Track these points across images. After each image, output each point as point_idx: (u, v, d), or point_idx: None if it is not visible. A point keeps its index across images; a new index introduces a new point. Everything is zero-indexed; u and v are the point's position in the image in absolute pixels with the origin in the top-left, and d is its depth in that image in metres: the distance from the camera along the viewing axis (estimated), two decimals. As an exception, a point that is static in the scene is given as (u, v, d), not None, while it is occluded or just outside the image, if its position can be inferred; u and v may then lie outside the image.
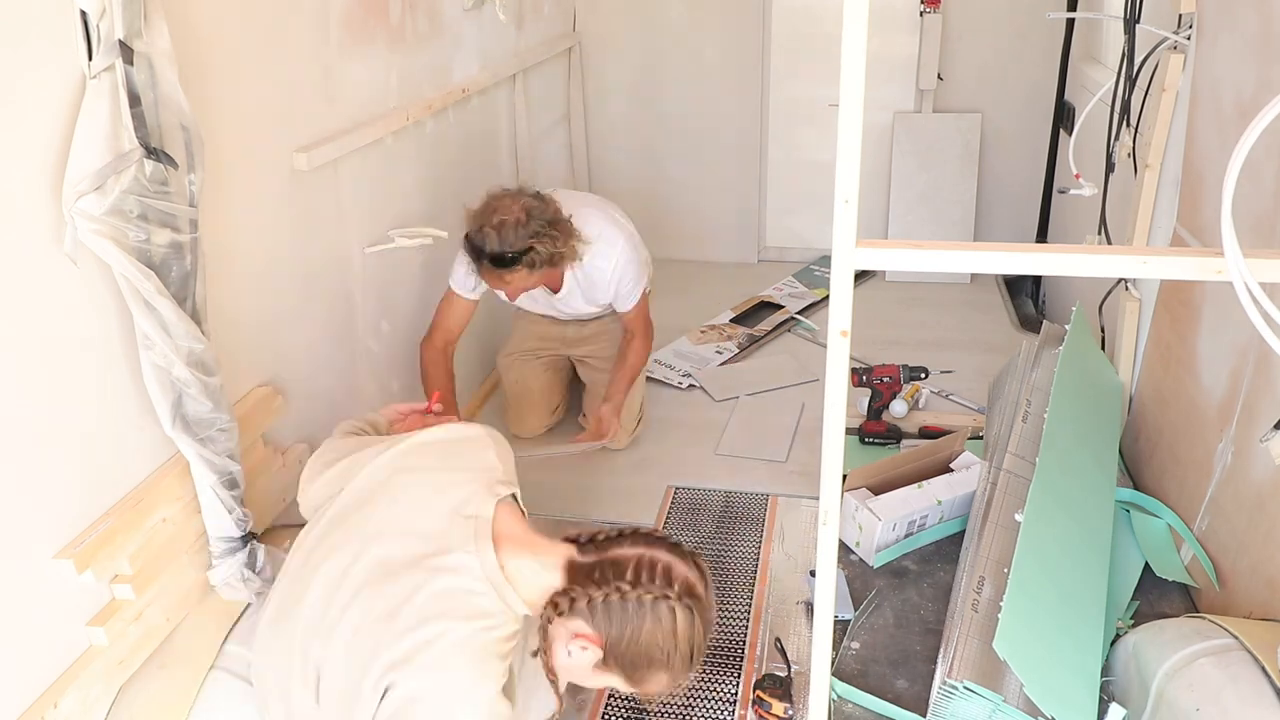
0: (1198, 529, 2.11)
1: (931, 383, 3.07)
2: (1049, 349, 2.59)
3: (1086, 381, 2.46)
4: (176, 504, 1.61)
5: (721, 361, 3.36)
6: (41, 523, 1.39)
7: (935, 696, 1.79)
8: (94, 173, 1.35)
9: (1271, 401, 1.83)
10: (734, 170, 4.21)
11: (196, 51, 1.62)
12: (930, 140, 4.00)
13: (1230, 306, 1.60)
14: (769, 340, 3.56)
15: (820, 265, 4.21)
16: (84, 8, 1.33)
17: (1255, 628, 1.64)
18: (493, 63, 3.06)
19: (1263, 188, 1.84)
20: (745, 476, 2.70)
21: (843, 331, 1.36)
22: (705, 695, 1.93)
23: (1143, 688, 1.66)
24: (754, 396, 3.13)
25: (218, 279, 1.67)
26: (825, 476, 1.46)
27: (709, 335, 3.56)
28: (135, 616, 1.52)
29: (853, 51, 1.20)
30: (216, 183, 1.67)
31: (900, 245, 1.37)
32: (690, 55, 4.06)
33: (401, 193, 2.50)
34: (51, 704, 1.38)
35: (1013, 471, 2.20)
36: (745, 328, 3.64)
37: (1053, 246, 1.39)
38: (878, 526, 2.23)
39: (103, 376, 1.48)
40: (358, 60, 2.23)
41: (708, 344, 3.49)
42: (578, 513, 2.52)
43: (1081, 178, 2.63)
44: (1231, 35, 2.08)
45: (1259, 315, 1.20)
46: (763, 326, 3.64)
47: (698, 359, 3.37)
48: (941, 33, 3.87)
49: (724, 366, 3.34)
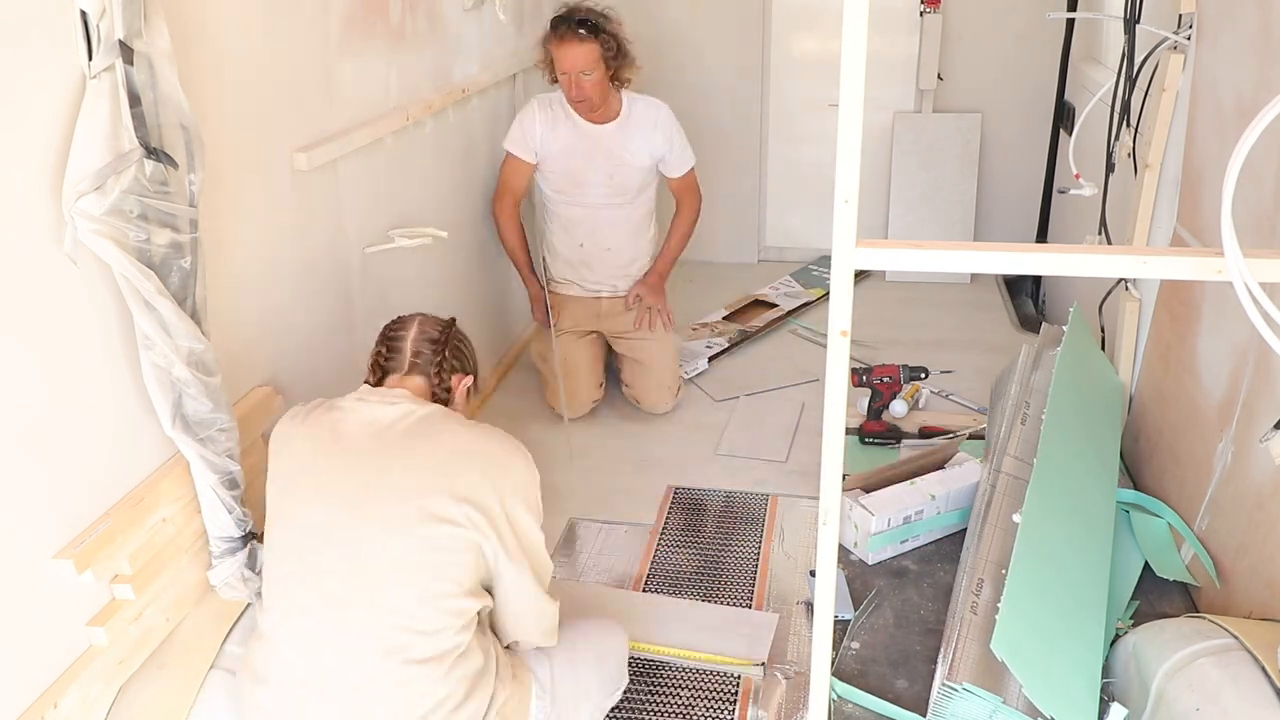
0: (1198, 528, 2.11)
1: (931, 383, 3.07)
2: (1049, 350, 2.59)
3: (1085, 382, 2.46)
4: (176, 504, 1.61)
5: (712, 355, 3.37)
6: (42, 523, 1.39)
7: (935, 697, 1.79)
8: (94, 173, 1.35)
9: (1271, 401, 1.83)
10: (734, 170, 4.21)
11: (196, 51, 1.62)
12: (930, 140, 4.00)
13: (1230, 306, 1.60)
14: (762, 336, 3.57)
15: (818, 265, 4.21)
16: (84, 8, 1.33)
17: (1255, 628, 1.64)
18: (493, 63, 3.06)
19: (1263, 188, 1.84)
20: (745, 476, 2.70)
21: (843, 331, 1.36)
22: (705, 695, 1.93)
23: (1143, 688, 1.66)
24: (753, 397, 3.14)
25: (218, 279, 1.67)
26: (825, 476, 1.46)
27: (700, 332, 3.58)
28: (135, 616, 1.52)
29: (853, 51, 1.21)
30: (216, 183, 1.67)
31: (900, 245, 1.37)
32: (690, 55, 4.06)
33: (401, 193, 2.51)
34: (52, 704, 1.38)
35: (1012, 474, 2.20)
36: (737, 324, 3.65)
37: (1053, 246, 1.39)
38: (871, 521, 2.23)
39: (103, 376, 1.48)
40: (358, 60, 2.23)
41: (699, 339, 3.51)
42: (580, 512, 2.52)
43: (1081, 178, 2.63)
44: (1232, 35, 2.08)
45: (1259, 315, 1.20)
46: (755, 323, 3.64)
47: (688, 353, 3.37)
48: (941, 33, 3.87)
49: (717, 364, 3.35)
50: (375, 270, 2.36)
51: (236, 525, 1.65)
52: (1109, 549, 2.09)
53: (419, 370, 1.63)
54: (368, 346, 1.72)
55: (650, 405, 3.00)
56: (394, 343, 1.65)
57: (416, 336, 1.65)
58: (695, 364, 3.32)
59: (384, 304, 2.43)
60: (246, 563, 1.67)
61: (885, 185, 4.06)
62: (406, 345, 1.64)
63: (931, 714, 1.79)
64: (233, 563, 1.66)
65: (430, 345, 1.65)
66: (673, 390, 3.02)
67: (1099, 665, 1.81)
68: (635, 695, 1.92)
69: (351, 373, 2.28)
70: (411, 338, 1.65)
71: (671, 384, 3.01)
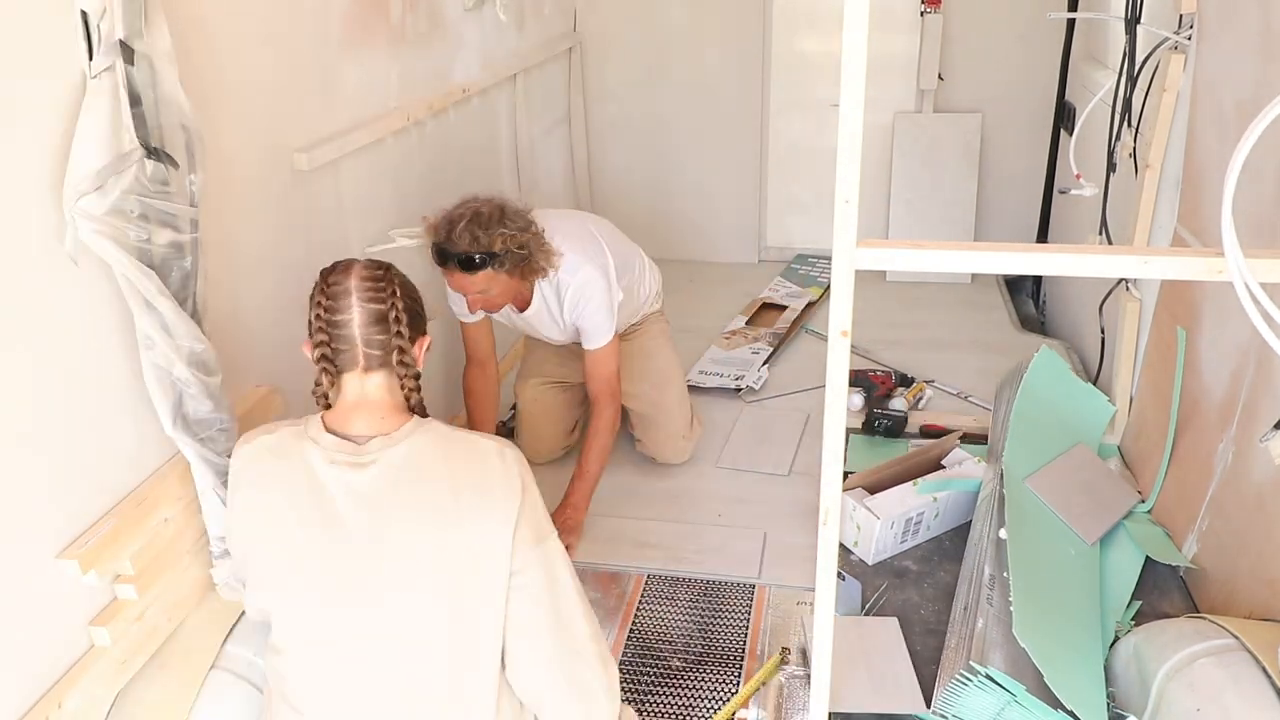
0: (1198, 529, 2.11)
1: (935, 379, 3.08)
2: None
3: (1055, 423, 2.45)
4: (178, 504, 1.61)
5: (764, 361, 3.32)
6: (44, 523, 1.39)
7: (946, 687, 1.78)
8: (95, 172, 1.35)
9: (1271, 401, 1.83)
10: (734, 170, 4.21)
11: (197, 51, 1.62)
12: (930, 140, 4.00)
13: (1230, 306, 1.60)
14: (792, 339, 3.56)
15: (799, 263, 4.21)
16: (84, 8, 1.33)
17: (1255, 628, 1.64)
18: (493, 63, 3.06)
19: (1263, 188, 1.84)
20: (746, 476, 2.71)
21: (843, 331, 1.36)
22: (705, 695, 1.94)
23: (1143, 688, 1.67)
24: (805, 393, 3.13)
25: (218, 279, 1.67)
26: (825, 476, 1.46)
27: (735, 340, 3.52)
28: (137, 617, 1.52)
29: (853, 51, 1.21)
30: (217, 183, 1.67)
31: (900, 245, 1.37)
32: (691, 55, 4.06)
33: (402, 192, 2.51)
34: (56, 704, 1.38)
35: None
36: (763, 328, 3.62)
37: (1053, 246, 1.39)
38: (876, 525, 2.23)
39: (103, 377, 1.48)
40: (358, 60, 2.23)
41: (739, 347, 3.46)
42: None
43: (1082, 178, 2.63)
44: (1232, 35, 2.08)
45: (1259, 315, 1.20)
46: (780, 325, 3.63)
47: (740, 362, 3.33)
48: (942, 33, 3.87)
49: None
50: (376, 270, 2.36)
51: (237, 525, 1.65)
52: (1097, 565, 2.10)
53: (377, 363, 1.42)
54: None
55: (665, 457, 2.73)
56: (338, 330, 1.42)
57: (363, 320, 1.41)
58: (756, 374, 3.23)
59: (384, 304, 2.43)
60: (247, 563, 1.67)
61: (885, 185, 4.06)
62: (355, 333, 1.41)
63: (938, 707, 1.78)
64: (232, 563, 1.66)
65: (379, 327, 1.42)
66: (687, 436, 2.74)
67: (1101, 669, 1.81)
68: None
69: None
70: (358, 323, 1.41)
71: (684, 429, 2.72)
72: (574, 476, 2.48)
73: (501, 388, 2.80)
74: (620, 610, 2.17)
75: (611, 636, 2.08)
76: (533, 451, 2.72)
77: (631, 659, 2.03)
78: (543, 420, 2.76)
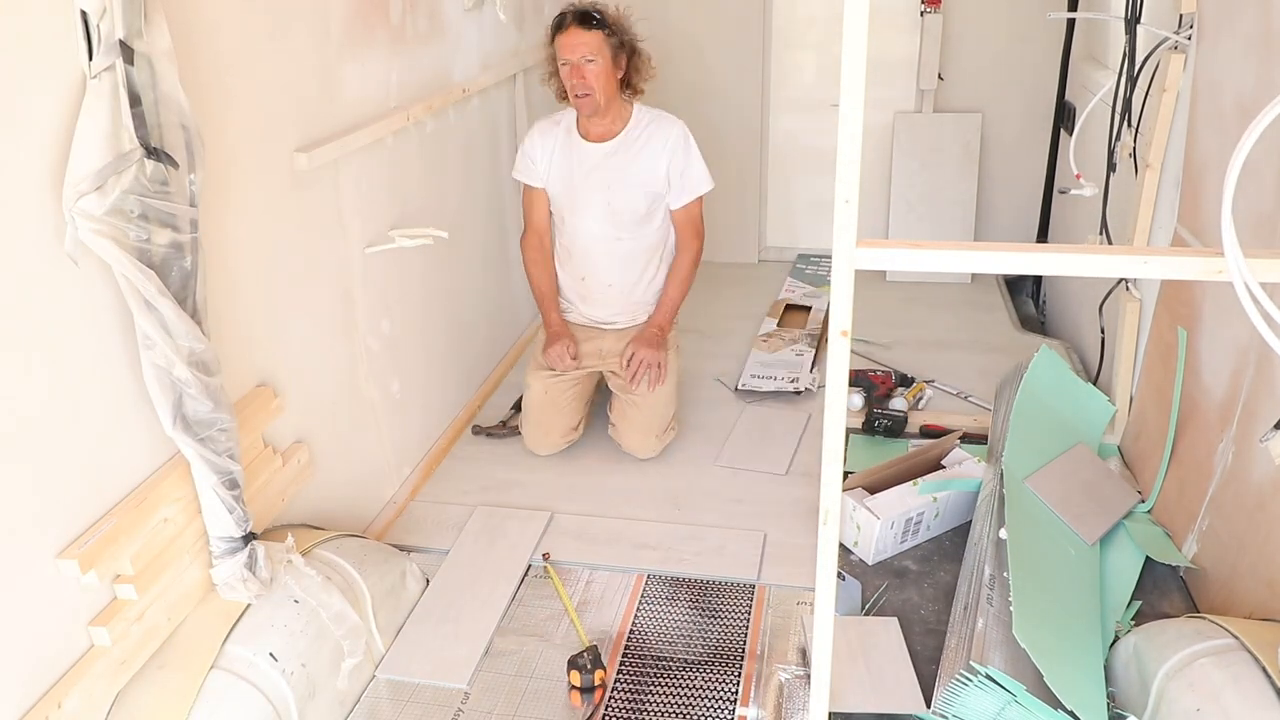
0: (1198, 529, 2.11)
1: (935, 379, 3.08)
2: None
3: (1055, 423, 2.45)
4: (177, 504, 1.61)
5: (812, 363, 3.29)
6: (45, 522, 1.39)
7: (946, 687, 1.78)
8: (94, 172, 1.35)
9: (1271, 401, 1.83)
10: (734, 170, 4.21)
11: (197, 51, 1.62)
12: (930, 140, 4.00)
13: (1230, 306, 1.60)
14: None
15: (803, 262, 4.20)
16: (84, 8, 1.33)
17: (1255, 628, 1.64)
18: (493, 63, 3.06)
19: (1263, 188, 1.84)
20: (746, 476, 2.71)
21: (843, 331, 1.36)
22: (705, 695, 1.94)
23: (1143, 688, 1.67)
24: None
25: (218, 279, 1.67)
26: (825, 476, 1.46)
27: (773, 342, 3.48)
28: (137, 616, 1.52)
29: (853, 51, 1.20)
30: (217, 183, 1.67)
31: (900, 245, 1.37)
32: (691, 55, 4.06)
33: (402, 193, 2.51)
34: (56, 704, 1.38)
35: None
36: (798, 329, 3.60)
37: (1053, 246, 1.39)
38: (876, 525, 2.23)
39: (103, 377, 1.48)
40: (358, 60, 2.23)
41: (781, 350, 3.42)
42: (602, 511, 2.53)
43: (1082, 178, 2.63)
44: (1232, 35, 2.08)
45: (1259, 315, 1.20)
46: (812, 326, 3.60)
47: (787, 364, 3.30)
48: (942, 33, 3.87)
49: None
50: (375, 270, 2.36)
51: (237, 525, 1.65)
52: (1097, 567, 2.10)
53: None
54: (368, 346, 1.72)
55: (631, 448, 2.73)
56: None
57: None
58: (810, 376, 3.17)
59: (384, 304, 2.43)
60: (246, 563, 1.67)
61: (885, 185, 4.06)
62: None
63: (938, 707, 1.78)
64: (233, 563, 1.66)
65: None
66: (660, 436, 2.75)
67: (1101, 669, 1.81)
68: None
69: (351, 373, 2.29)
70: None
71: (659, 429, 2.75)
72: (657, 305, 2.81)
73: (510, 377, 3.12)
74: (620, 610, 2.17)
75: (611, 637, 2.08)
76: (536, 442, 2.79)
77: (631, 659, 2.03)
78: (551, 412, 2.78)
